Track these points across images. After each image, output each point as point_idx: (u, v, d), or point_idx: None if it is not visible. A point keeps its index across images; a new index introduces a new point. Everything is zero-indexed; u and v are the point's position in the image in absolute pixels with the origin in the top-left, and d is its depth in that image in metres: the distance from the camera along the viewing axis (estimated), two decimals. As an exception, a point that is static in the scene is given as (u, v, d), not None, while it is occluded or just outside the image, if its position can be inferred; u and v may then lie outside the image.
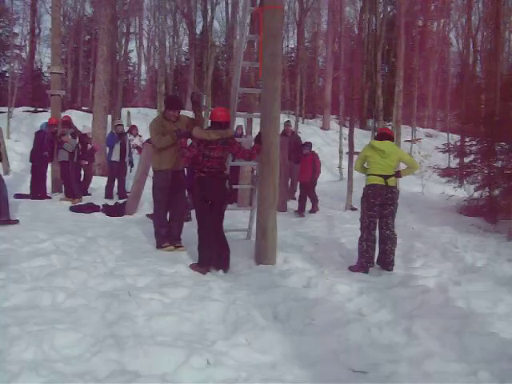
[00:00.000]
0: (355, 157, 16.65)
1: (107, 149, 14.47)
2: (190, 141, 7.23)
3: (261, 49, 7.19)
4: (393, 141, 7.47)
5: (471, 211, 12.66)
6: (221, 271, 6.85)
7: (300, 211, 12.34)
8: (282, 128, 12.92)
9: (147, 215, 10.21)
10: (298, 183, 13.20)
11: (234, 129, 9.00)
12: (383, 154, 7.18)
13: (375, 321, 5.18)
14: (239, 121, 18.51)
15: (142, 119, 27.62)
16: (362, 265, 7.16)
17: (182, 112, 8.06)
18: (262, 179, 7.27)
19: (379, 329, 4.95)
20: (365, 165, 7.45)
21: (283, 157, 11.40)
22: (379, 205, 7.17)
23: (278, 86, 7.13)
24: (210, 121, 6.94)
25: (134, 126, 16.55)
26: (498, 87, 13.22)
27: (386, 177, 7.17)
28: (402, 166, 7.54)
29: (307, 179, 12.56)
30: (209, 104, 24.74)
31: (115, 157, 13.93)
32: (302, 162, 12.74)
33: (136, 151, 15.32)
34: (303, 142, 13.88)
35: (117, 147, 13.93)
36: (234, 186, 7.50)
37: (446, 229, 10.56)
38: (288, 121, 15.84)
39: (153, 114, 30.30)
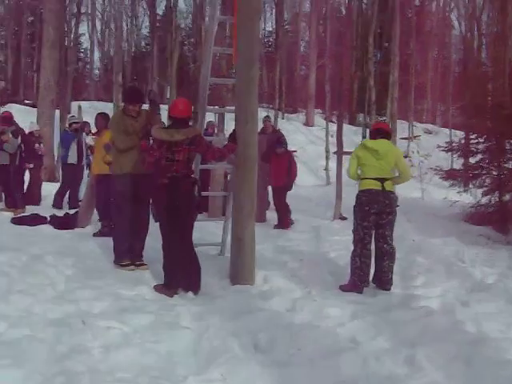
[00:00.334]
0: (345, 158, 16.73)
1: (60, 150, 14.33)
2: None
3: (235, 32, 7.19)
4: (390, 138, 7.51)
5: (479, 219, 12.76)
6: (190, 293, 6.80)
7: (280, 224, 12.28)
8: (260, 125, 12.84)
9: (94, 234, 10.09)
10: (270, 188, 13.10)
11: (205, 126, 8.96)
12: (377, 154, 7.21)
13: (372, 349, 5.15)
14: (210, 116, 18.51)
15: (95, 114, 27.48)
16: (355, 284, 7.16)
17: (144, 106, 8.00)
18: (238, 184, 7.25)
19: (376, 359, 4.93)
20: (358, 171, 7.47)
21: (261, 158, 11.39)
22: (375, 213, 7.19)
23: (254, 76, 7.13)
24: (169, 116, 6.93)
25: (86, 122, 16.40)
26: (506, 75, 13.35)
27: (382, 180, 7.19)
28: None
29: (281, 184, 12.43)
30: (172, 97, 24.68)
31: (72, 159, 13.79)
32: (274, 163, 12.44)
33: (89, 152, 15.18)
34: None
35: (73, 147, 13.81)
36: (204, 193, 7.47)
37: (450, 240, 10.61)
38: (267, 116, 15.81)
39: (108, 108, 30.19)
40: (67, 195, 13.96)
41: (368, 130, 22.76)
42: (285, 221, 12.25)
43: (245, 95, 7.09)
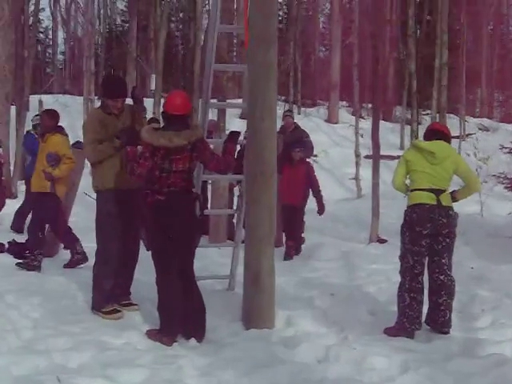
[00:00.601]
0: (384, 163, 16.63)
1: (20, 157, 14.24)
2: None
3: (246, 4, 7.19)
4: (449, 142, 7.47)
5: (555, 241, 12.70)
6: (193, 341, 6.78)
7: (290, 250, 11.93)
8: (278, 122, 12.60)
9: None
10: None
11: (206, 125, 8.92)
12: (433, 158, 7.15)
13: (431, 411, 5.13)
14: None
15: (61, 111, 27.41)
16: (404, 326, 7.11)
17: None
18: (252, 200, 7.25)
19: (438, 424, 4.92)
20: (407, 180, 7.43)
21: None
22: (429, 236, 7.13)
23: (272, 61, 7.16)
24: (163, 114, 6.88)
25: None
26: None
27: (438, 192, 7.15)
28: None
29: (297, 201, 12.18)
30: (159, 87, 24.68)
31: None
32: (286, 174, 11.92)
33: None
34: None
35: None
36: (207, 212, 7.45)
37: (520, 268, 10.56)
38: (289, 110, 15.84)
39: (76, 104, 30.29)
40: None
41: (410, 128, 22.83)
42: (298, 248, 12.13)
43: (260, 85, 7.10)
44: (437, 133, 7.43)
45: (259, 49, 7.09)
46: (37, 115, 15.43)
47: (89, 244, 9.03)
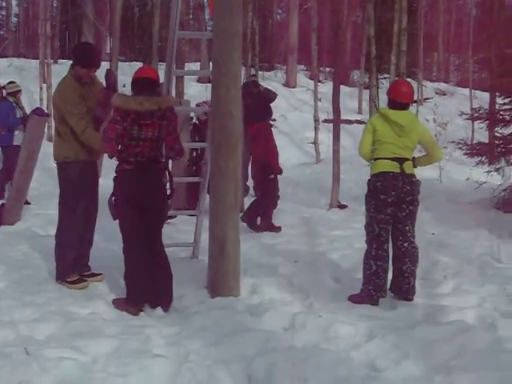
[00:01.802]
0: (343, 127, 16.64)
1: None
2: None
3: (210, -28, 7.13)
4: (412, 103, 7.44)
5: (514, 206, 12.81)
6: (160, 310, 6.79)
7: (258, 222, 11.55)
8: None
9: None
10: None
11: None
12: (402, 131, 7.17)
13: (398, 378, 5.18)
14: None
15: (16, 75, 27.07)
16: (370, 294, 7.17)
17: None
18: (217, 167, 7.23)
19: (405, 390, 4.97)
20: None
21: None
22: (393, 203, 7.18)
23: (238, 29, 7.11)
24: (133, 81, 6.83)
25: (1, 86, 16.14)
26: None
27: (401, 161, 7.19)
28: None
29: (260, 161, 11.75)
30: (116, 50, 24.36)
31: (18, 138, 13.40)
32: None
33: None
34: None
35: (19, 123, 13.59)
36: (176, 180, 7.42)
37: (481, 233, 10.68)
38: (253, 75, 15.70)
39: (32, 67, 29.85)
40: None
41: (368, 92, 22.79)
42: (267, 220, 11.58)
43: (225, 54, 7.05)
44: (405, 94, 7.32)
45: (225, 17, 7.03)
46: (11, 82, 15.15)
47: (51, 211, 8.95)
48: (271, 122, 13.14)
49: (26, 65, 31.02)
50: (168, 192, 7.11)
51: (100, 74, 7.58)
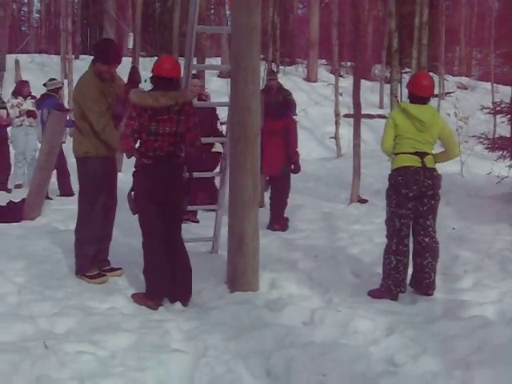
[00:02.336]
0: (364, 122, 16.58)
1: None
2: None
3: (229, -33, 7.13)
4: (433, 96, 7.40)
5: (536, 200, 12.74)
6: (179, 304, 6.80)
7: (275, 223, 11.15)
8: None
9: None
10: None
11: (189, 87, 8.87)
12: (422, 126, 7.13)
13: (416, 373, 5.15)
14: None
15: (38, 71, 27.27)
16: (389, 289, 7.16)
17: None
18: (236, 162, 7.23)
19: (424, 386, 4.95)
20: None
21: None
22: (415, 198, 7.14)
23: (256, 24, 7.09)
24: (152, 77, 6.82)
25: (25, 82, 16.25)
26: None
27: (422, 155, 7.15)
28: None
29: (276, 171, 11.30)
30: (137, 46, 24.44)
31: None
32: (266, 139, 10.53)
33: (27, 121, 15.07)
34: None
35: None
36: (196, 175, 7.42)
37: (502, 228, 10.61)
38: (273, 72, 15.67)
39: (53, 63, 29.98)
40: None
41: (390, 87, 22.76)
42: (281, 220, 11.25)
43: (244, 49, 7.04)
44: (426, 88, 7.28)
45: (243, 12, 7.02)
46: (52, 79, 15.32)
47: (71, 206, 8.98)
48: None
49: (48, 61, 31.19)
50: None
51: (121, 70, 7.59)
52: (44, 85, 14.54)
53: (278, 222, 10.94)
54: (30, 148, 14.94)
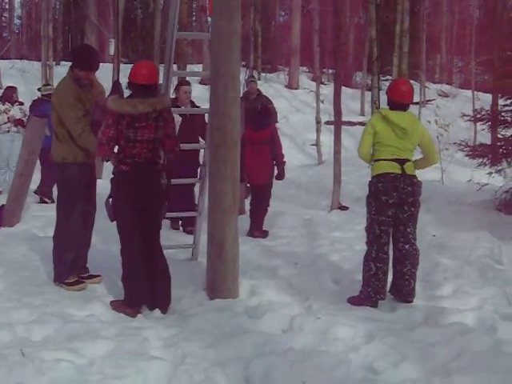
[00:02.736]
0: (345, 129, 16.57)
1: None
2: None
3: (209, -27, 7.13)
4: (412, 103, 7.43)
5: (516, 208, 12.78)
6: (157, 311, 6.77)
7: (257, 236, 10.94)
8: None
9: None
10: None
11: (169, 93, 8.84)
12: (403, 133, 7.15)
13: (396, 380, 5.18)
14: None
15: (18, 77, 27.14)
16: (369, 296, 7.16)
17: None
18: (216, 169, 7.22)
19: (403, 393, 4.95)
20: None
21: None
22: (394, 205, 7.15)
23: (237, 29, 7.10)
24: (129, 84, 6.77)
25: (13, 88, 16.15)
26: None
27: (402, 161, 7.17)
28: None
29: (264, 180, 11.24)
30: (119, 53, 24.40)
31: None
32: (249, 149, 10.80)
33: (13, 128, 14.99)
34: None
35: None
36: (174, 182, 7.39)
37: (482, 235, 10.60)
38: (252, 76, 15.70)
39: (34, 69, 29.88)
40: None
41: (371, 94, 22.85)
42: (261, 227, 11.14)
43: (224, 55, 7.04)
44: (405, 94, 7.31)
45: (223, 17, 7.02)
46: (47, 85, 15.27)
47: (51, 213, 8.91)
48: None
49: (29, 67, 31.03)
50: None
51: (101, 76, 7.56)
52: (38, 89, 14.50)
53: (259, 229, 10.91)
54: (15, 155, 14.81)
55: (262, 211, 11.18)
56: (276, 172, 11.33)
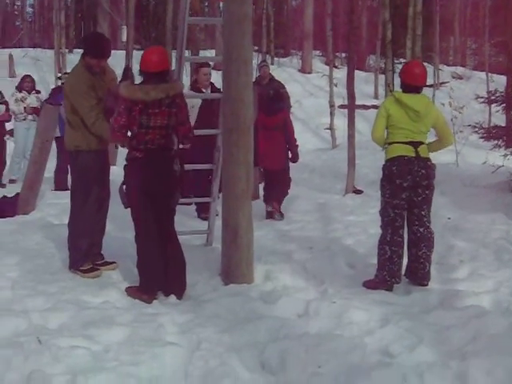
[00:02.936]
0: (359, 113, 16.53)
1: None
2: None
3: (219, -42, 7.10)
4: (426, 86, 7.39)
5: (531, 189, 12.73)
6: (173, 297, 6.78)
7: (274, 207, 11.14)
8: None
9: None
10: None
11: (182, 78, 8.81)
12: (417, 115, 7.10)
13: (411, 364, 5.14)
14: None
15: (31, 65, 27.18)
16: (384, 279, 7.14)
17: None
18: (229, 154, 7.22)
19: (419, 376, 4.91)
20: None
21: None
22: (409, 188, 7.12)
23: (248, 13, 7.07)
24: (140, 72, 6.75)
25: (28, 76, 16.18)
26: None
27: (416, 144, 7.13)
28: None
29: (279, 166, 11.32)
30: (130, 39, 24.41)
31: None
32: (263, 137, 10.90)
33: (29, 116, 15.04)
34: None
35: None
36: (188, 167, 7.39)
37: (497, 217, 10.60)
38: (264, 61, 15.66)
39: (47, 57, 29.92)
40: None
41: (384, 77, 22.76)
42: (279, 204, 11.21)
43: (236, 39, 7.02)
44: (418, 76, 7.26)
45: (234, 1, 7.00)
46: (66, 73, 15.31)
47: (66, 200, 8.94)
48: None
49: (42, 55, 31.11)
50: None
51: (114, 63, 7.55)
52: (58, 78, 14.59)
53: (276, 207, 11.01)
54: (30, 143, 14.85)
55: (280, 194, 11.24)
56: (290, 155, 11.33)
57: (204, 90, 10.62)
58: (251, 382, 4.92)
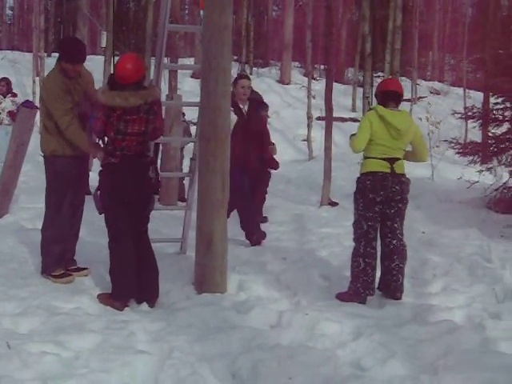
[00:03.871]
0: (336, 125, 16.56)
1: None
2: None
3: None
4: (403, 99, 7.46)
5: (505, 206, 12.78)
6: (145, 305, 6.76)
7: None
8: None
9: None
10: None
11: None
12: (398, 134, 7.13)
13: (383, 377, 5.15)
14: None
15: (9, 68, 27.03)
16: (358, 291, 7.13)
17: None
18: (206, 162, 7.20)
19: (390, 390, 4.93)
20: None
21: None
22: (382, 202, 7.16)
23: (228, 23, 7.07)
24: (114, 81, 6.68)
25: (4, 79, 16.10)
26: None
27: (392, 160, 7.16)
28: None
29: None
30: (110, 45, 24.30)
31: None
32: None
33: (6, 120, 14.96)
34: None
35: None
36: (162, 175, 7.37)
37: (472, 232, 10.64)
38: (243, 71, 15.67)
39: (25, 60, 29.79)
40: None
41: (362, 90, 22.82)
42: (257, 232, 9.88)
43: (215, 48, 7.01)
44: (396, 94, 7.32)
45: (215, 10, 6.99)
46: None
47: (40, 205, 8.89)
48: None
49: (20, 58, 31.01)
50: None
51: (91, 67, 7.52)
52: None
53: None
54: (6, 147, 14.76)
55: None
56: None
57: (241, 106, 9.85)
58: (222, 392, 4.90)
